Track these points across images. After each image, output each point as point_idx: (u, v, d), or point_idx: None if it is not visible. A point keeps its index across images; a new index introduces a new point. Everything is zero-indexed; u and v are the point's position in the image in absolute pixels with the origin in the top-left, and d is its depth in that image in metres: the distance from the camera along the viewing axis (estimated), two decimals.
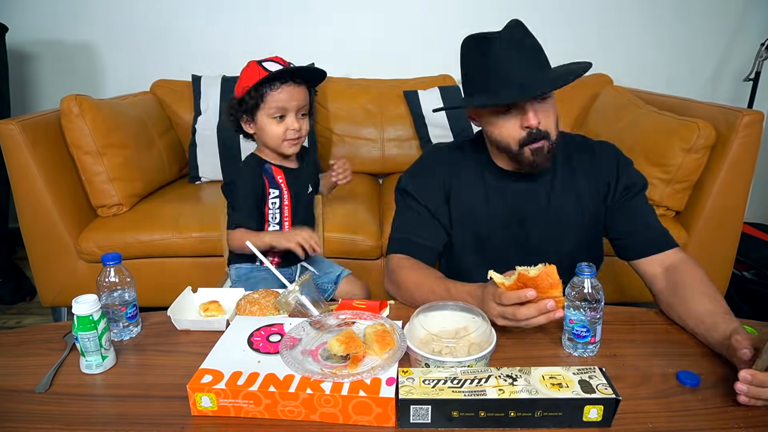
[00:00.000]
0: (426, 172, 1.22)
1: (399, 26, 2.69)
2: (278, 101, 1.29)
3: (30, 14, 2.62)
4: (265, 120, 1.32)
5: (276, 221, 1.40)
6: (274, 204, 1.39)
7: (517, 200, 1.16)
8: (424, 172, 1.22)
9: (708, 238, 1.86)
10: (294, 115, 1.32)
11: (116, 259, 0.97)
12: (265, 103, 1.29)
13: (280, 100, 1.29)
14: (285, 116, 1.31)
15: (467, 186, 1.18)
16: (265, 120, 1.32)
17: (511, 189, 1.16)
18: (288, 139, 1.33)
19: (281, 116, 1.31)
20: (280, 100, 1.29)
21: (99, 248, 1.87)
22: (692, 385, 0.82)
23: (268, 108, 1.30)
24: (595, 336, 0.89)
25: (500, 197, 1.17)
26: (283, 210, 1.40)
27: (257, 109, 1.31)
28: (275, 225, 1.41)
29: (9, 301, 2.30)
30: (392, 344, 0.83)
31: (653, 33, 2.69)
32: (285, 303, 0.99)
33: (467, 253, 1.21)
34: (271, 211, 1.40)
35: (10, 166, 1.80)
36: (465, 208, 1.18)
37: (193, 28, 2.66)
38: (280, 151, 1.36)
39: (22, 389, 0.84)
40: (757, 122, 1.73)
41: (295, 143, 1.35)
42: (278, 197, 1.39)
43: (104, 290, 0.96)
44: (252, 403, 0.76)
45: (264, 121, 1.32)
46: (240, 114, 1.34)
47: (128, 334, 0.99)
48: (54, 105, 1.92)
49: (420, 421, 0.73)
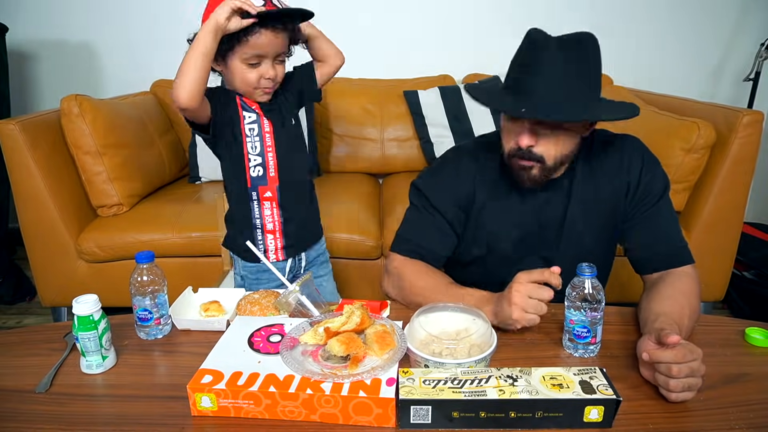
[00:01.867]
0: (447, 178, 1.14)
1: (399, 26, 2.69)
2: (256, 47, 1.13)
3: (30, 14, 2.62)
4: (238, 64, 1.15)
5: (257, 151, 1.24)
6: (251, 131, 1.22)
7: (533, 212, 1.10)
8: (444, 176, 1.15)
9: (708, 238, 1.86)
10: (270, 62, 1.16)
11: (150, 257, 0.96)
12: (241, 47, 1.13)
13: (259, 46, 1.12)
14: (260, 64, 1.16)
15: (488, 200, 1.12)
16: (238, 64, 1.15)
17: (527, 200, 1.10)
18: (261, 87, 1.18)
19: (255, 63, 1.15)
20: (259, 46, 1.12)
21: (99, 248, 1.87)
22: None
23: (243, 53, 1.13)
24: (596, 336, 0.89)
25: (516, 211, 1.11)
26: (264, 138, 1.23)
27: (230, 51, 1.14)
28: (256, 156, 1.24)
29: (9, 301, 2.30)
30: (392, 345, 0.83)
31: (653, 33, 2.69)
32: (285, 303, 0.99)
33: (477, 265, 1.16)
34: (249, 139, 1.23)
35: (10, 166, 1.80)
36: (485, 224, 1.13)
37: (193, 28, 2.65)
38: (250, 97, 1.21)
39: (22, 389, 0.83)
40: (757, 122, 1.73)
41: (267, 91, 1.20)
42: (256, 122, 1.22)
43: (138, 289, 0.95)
44: (252, 403, 0.76)
45: (236, 65, 1.15)
46: None
47: (161, 333, 0.99)
48: (54, 105, 1.92)
49: (420, 422, 0.73)
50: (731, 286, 2.00)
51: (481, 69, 2.60)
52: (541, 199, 1.10)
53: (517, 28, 3.04)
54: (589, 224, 1.09)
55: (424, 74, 2.65)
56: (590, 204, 1.08)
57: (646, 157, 1.08)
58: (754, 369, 0.87)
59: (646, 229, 1.07)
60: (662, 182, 1.08)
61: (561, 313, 0.93)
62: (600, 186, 1.08)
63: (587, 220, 1.09)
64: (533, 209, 1.10)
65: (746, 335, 0.96)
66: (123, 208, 1.99)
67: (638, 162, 1.07)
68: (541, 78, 0.94)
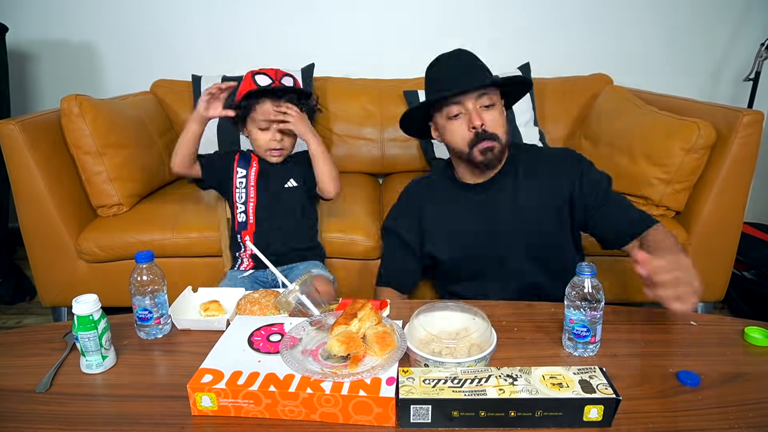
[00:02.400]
0: (402, 208, 1.39)
1: (399, 26, 2.68)
2: (262, 114, 1.42)
3: (30, 14, 2.62)
4: (253, 128, 1.46)
5: (242, 200, 1.51)
6: (240, 183, 1.50)
7: (484, 212, 1.28)
8: (401, 207, 1.40)
9: (708, 238, 1.85)
10: (275, 129, 1.44)
11: (149, 257, 0.97)
12: (252, 113, 1.43)
13: (264, 113, 1.41)
14: (269, 128, 1.44)
15: (439, 209, 1.32)
16: (253, 128, 1.46)
17: (475, 201, 1.28)
18: (270, 149, 1.46)
19: (266, 128, 1.44)
20: (264, 113, 1.41)
21: (99, 248, 1.87)
22: (692, 384, 0.82)
23: (253, 119, 1.44)
24: (596, 336, 0.89)
25: (469, 212, 1.29)
26: (249, 190, 1.50)
27: (247, 117, 1.45)
28: (241, 204, 1.51)
29: (9, 301, 2.30)
30: (392, 345, 0.83)
31: (653, 33, 2.69)
32: (285, 302, 0.99)
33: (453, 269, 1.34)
34: (238, 191, 1.51)
35: (10, 166, 1.80)
36: (440, 230, 1.31)
37: (193, 28, 2.66)
38: (266, 158, 1.50)
39: (22, 389, 0.84)
40: (757, 122, 1.73)
41: (276, 155, 1.48)
42: (245, 177, 1.50)
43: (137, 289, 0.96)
44: (252, 402, 0.76)
45: (252, 129, 1.46)
46: (237, 119, 1.46)
47: (161, 333, 0.99)
48: (54, 105, 1.91)
49: (420, 421, 0.73)
50: (731, 286, 2.00)
51: None
52: (488, 198, 1.28)
53: (516, 28, 3.04)
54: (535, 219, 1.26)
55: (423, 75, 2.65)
56: (533, 199, 1.25)
57: (583, 160, 1.28)
58: (753, 368, 0.87)
59: (606, 215, 1.23)
60: (604, 177, 1.27)
61: (561, 313, 0.93)
62: (543, 186, 1.25)
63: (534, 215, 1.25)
64: (483, 207, 1.28)
65: (746, 335, 0.96)
66: (123, 208, 1.99)
67: (576, 163, 1.27)
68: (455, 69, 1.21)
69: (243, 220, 1.51)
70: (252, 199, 1.49)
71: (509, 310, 1.06)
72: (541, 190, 1.25)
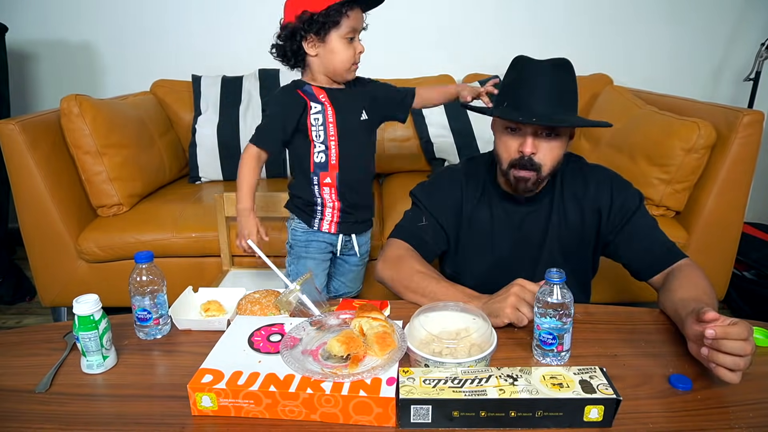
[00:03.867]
0: (440, 191, 1.27)
1: (399, 26, 2.68)
2: (354, 22, 1.27)
3: (30, 14, 2.62)
4: (337, 41, 1.28)
5: (320, 140, 1.35)
6: (316, 120, 1.33)
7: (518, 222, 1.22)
8: (437, 190, 1.28)
9: (708, 238, 1.86)
10: (357, 38, 1.31)
11: (149, 257, 0.97)
12: (343, 22, 1.26)
13: (356, 19, 1.27)
14: (354, 38, 1.30)
15: (477, 213, 1.24)
16: (337, 41, 1.28)
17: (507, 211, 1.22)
18: (356, 62, 1.32)
19: (351, 38, 1.29)
20: (356, 19, 1.27)
21: (99, 248, 1.87)
22: (684, 389, 0.81)
23: (345, 28, 1.27)
24: (563, 345, 0.87)
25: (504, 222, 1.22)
26: (328, 128, 1.34)
27: (332, 27, 1.26)
28: (320, 144, 1.35)
29: (9, 301, 2.30)
30: (393, 345, 0.83)
31: (653, 33, 2.69)
32: (286, 302, 0.99)
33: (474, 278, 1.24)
34: (314, 128, 1.34)
35: (10, 166, 1.80)
36: (475, 235, 1.24)
37: (193, 28, 2.66)
38: (343, 77, 1.34)
39: (22, 389, 0.83)
40: (757, 122, 1.73)
41: (357, 67, 1.34)
42: (320, 113, 1.33)
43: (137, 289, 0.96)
44: (252, 402, 0.76)
45: (336, 43, 1.28)
46: (308, 33, 1.27)
47: (160, 333, 0.99)
48: (54, 105, 1.91)
49: (420, 421, 0.73)
50: (731, 286, 2.00)
51: (481, 69, 2.60)
52: (524, 212, 1.21)
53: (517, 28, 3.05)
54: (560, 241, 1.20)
55: (424, 74, 2.65)
56: (561, 222, 1.20)
57: (615, 183, 1.19)
58: (753, 368, 0.87)
59: (633, 241, 1.17)
60: (635, 198, 1.18)
61: None
62: (568, 209, 1.20)
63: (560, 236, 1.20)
64: (518, 219, 1.21)
65: None
66: (123, 208, 1.99)
67: (607, 189, 1.18)
68: (537, 93, 1.08)
69: (323, 161, 1.37)
70: (332, 137, 1.35)
71: None
72: (576, 213, 1.20)
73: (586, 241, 1.21)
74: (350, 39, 1.29)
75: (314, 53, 1.31)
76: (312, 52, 1.31)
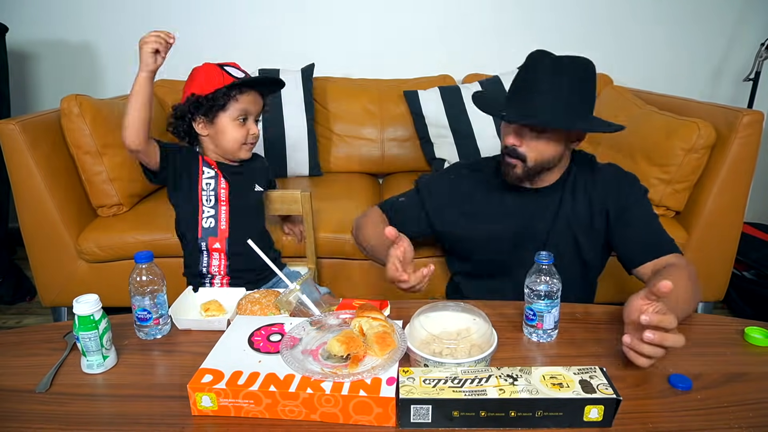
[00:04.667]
0: (445, 180, 1.35)
1: (399, 26, 2.68)
2: (245, 104, 1.30)
3: (30, 14, 2.62)
4: (227, 122, 1.31)
5: (211, 204, 1.36)
6: (208, 185, 1.35)
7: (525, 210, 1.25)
8: (443, 177, 1.36)
9: (708, 238, 1.85)
10: (253, 120, 1.34)
11: (148, 257, 0.97)
12: (230, 105, 1.29)
13: (247, 102, 1.31)
14: (247, 120, 1.33)
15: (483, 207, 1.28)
16: (227, 122, 1.31)
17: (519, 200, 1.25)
18: (248, 143, 1.34)
19: (244, 119, 1.32)
20: (247, 102, 1.31)
21: (99, 248, 1.87)
22: (684, 389, 0.81)
23: (234, 111, 1.30)
24: (543, 323, 0.92)
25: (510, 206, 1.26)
26: (219, 193, 1.35)
27: (221, 110, 1.30)
28: (210, 209, 1.36)
29: (9, 301, 2.30)
30: (393, 345, 0.83)
31: (653, 33, 2.69)
32: (286, 302, 0.99)
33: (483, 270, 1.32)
34: (205, 193, 1.35)
35: (10, 166, 1.80)
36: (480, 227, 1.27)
37: (193, 29, 2.66)
38: (236, 155, 1.35)
39: (22, 389, 0.84)
40: (757, 122, 1.73)
41: (251, 148, 1.37)
42: (213, 178, 1.35)
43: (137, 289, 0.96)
44: (252, 402, 0.76)
45: (225, 123, 1.31)
46: (197, 115, 1.32)
47: (160, 333, 0.99)
48: (54, 105, 1.91)
49: (420, 421, 0.73)
50: (731, 286, 2.00)
51: (481, 69, 2.60)
52: (534, 202, 1.24)
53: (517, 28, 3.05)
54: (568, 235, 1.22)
55: (424, 74, 2.65)
56: (570, 217, 1.22)
57: (623, 182, 1.22)
58: (753, 368, 0.87)
59: (627, 228, 1.18)
60: (638, 192, 1.20)
61: (565, 314, 0.94)
62: (578, 205, 1.22)
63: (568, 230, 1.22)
64: (526, 208, 1.24)
65: (746, 335, 0.96)
66: (123, 208, 1.99)
67: (614, 190, 1.20)
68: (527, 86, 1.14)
69: (212, 226, 1.36)
70: (224, 202, 1.36)
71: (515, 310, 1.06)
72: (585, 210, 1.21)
73: (594, 238, 1.22)
74: (243, 119, 1.32)
75: (205, 133, 1.34)
76: (203, 132, 1.34)
